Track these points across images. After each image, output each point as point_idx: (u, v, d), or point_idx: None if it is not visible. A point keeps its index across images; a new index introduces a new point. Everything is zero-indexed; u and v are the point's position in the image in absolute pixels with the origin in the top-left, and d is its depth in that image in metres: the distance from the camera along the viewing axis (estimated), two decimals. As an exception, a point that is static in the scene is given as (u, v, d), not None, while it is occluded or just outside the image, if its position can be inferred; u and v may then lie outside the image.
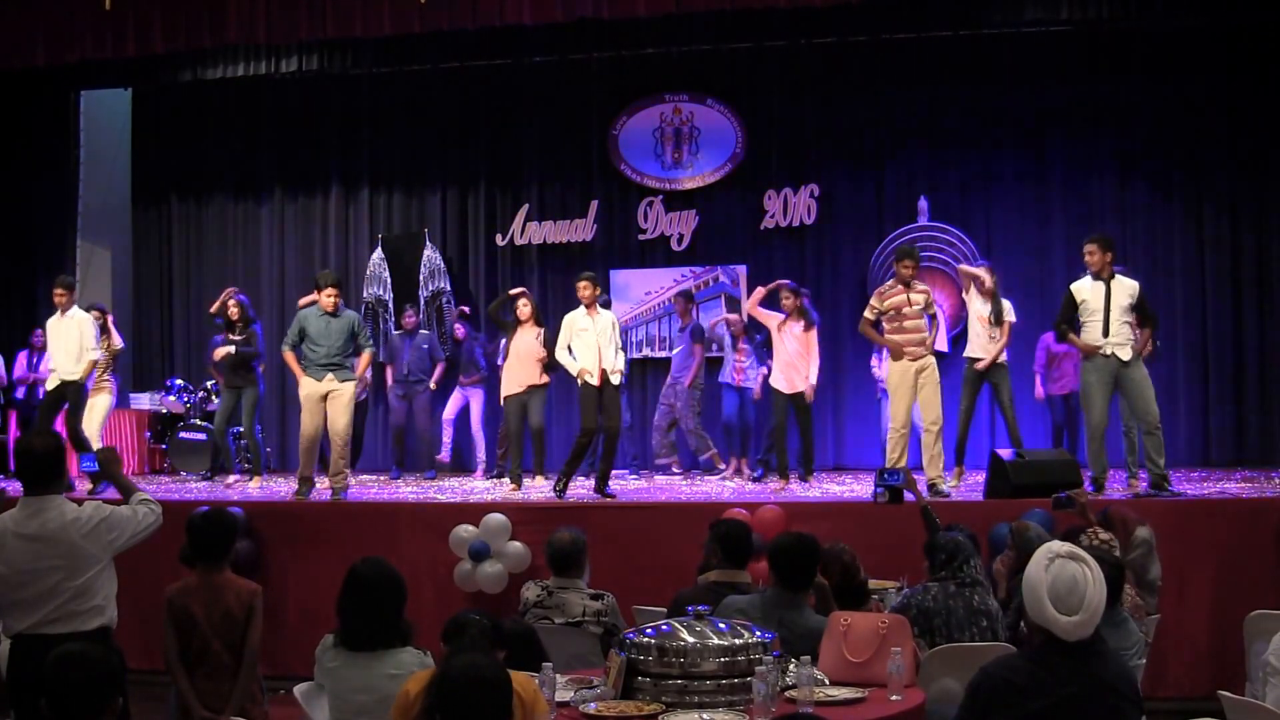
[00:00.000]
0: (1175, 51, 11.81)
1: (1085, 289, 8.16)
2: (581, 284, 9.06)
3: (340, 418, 8.86)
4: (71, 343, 9.56)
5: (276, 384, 12.95)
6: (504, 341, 10.34)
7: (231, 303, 10.63)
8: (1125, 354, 8.00)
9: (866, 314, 8.74)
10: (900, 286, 8.61)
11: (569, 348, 9.05)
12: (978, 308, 9.43)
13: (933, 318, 8.84)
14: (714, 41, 12.12)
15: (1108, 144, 12.05)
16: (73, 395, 9.57)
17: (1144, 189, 12.08)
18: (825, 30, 11.69)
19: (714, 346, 11.81)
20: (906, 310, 8.53)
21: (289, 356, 9.18)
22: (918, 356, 8.51)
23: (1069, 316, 8.22)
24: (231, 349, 10.46)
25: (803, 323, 9.73)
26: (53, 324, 9.72)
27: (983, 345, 9.35)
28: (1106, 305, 8.01)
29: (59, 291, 9.69)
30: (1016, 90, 12.15)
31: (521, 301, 9.92)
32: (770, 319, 9.89)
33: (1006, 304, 9.55)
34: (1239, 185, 11.86)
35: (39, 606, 4.42)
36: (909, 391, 8.51)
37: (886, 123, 12.44)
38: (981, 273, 9.48)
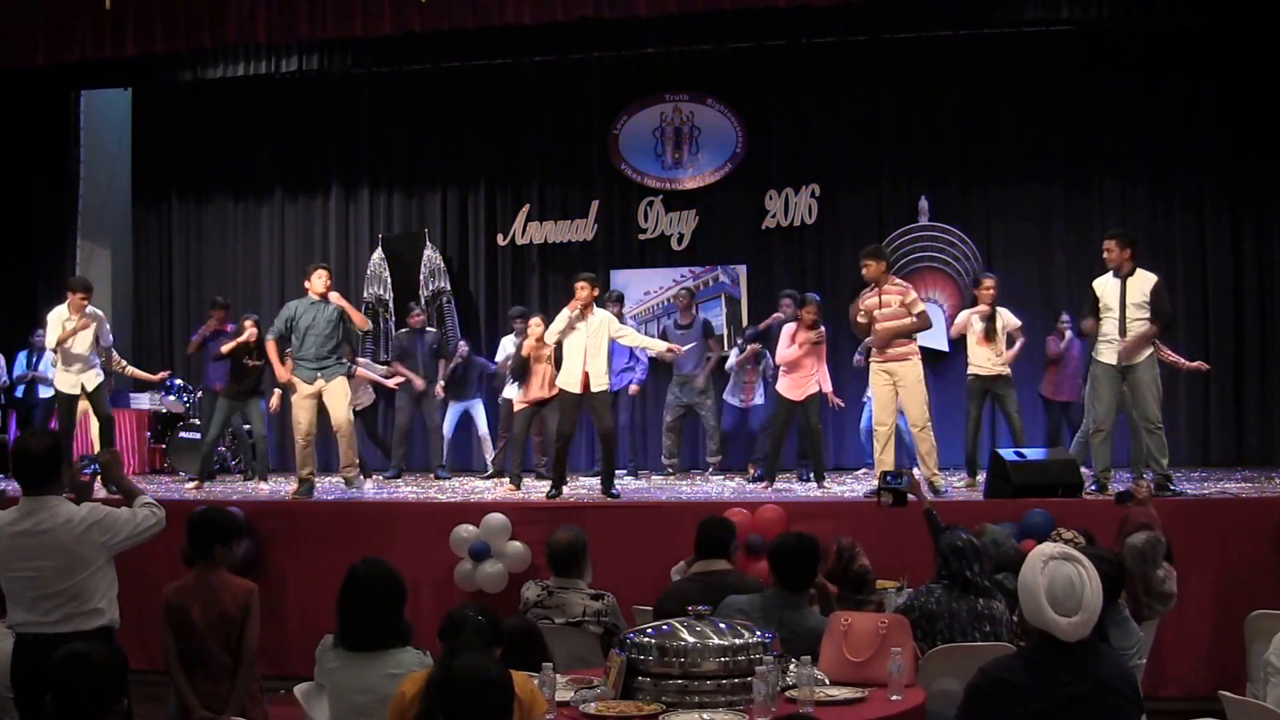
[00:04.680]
0: (1175, 51, 11.81)
1: (1103, 285, 8.12)
2: (580, 284, 8.83)
3: (339, 412, 8.85)
4: (86, 344, 9.55)
5: (276, 383, 12.94)
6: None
7: (249, 323, 10.38)
8: (1131, 358, 7.96)
9: (859, 319, 8.58)
10: (872, 288, 8.48)
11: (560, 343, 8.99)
12: (974, 323, 9.54)
13: (918, 315, 8.61)
14: (714, 41, 12.11)
15: (1108, 144, 12.05)
16: (93, 395, 9.64)
17: (1144, 189, 12.09)
18: (825, 30, 11.69)
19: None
20: (876, 314, 8.42)
21: (271, 347, 9.17)
22: (886, 358, 8.39)
23: (1092, 311, 8.16)
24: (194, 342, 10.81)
25: (814, 332, 9.71)
26: (66, 320, 9.55)
27: (978, 359, 9.51)
28: (1122, 302, 8.00)
29: (81, 295, 9.54)
30: (1016, 90, 12.15)
31: (535, 321, 9.90)
32: (785, 334, 9.82)
33: (1006, 313, 9.59)
34: (1239, 185, 11.86)
35: (36, 605, 4.43)
36: (884, 391, 8.43)
37: (886, 123, 12.44)
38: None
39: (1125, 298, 7.98)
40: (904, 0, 11.35)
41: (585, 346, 8.77)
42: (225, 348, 10.38)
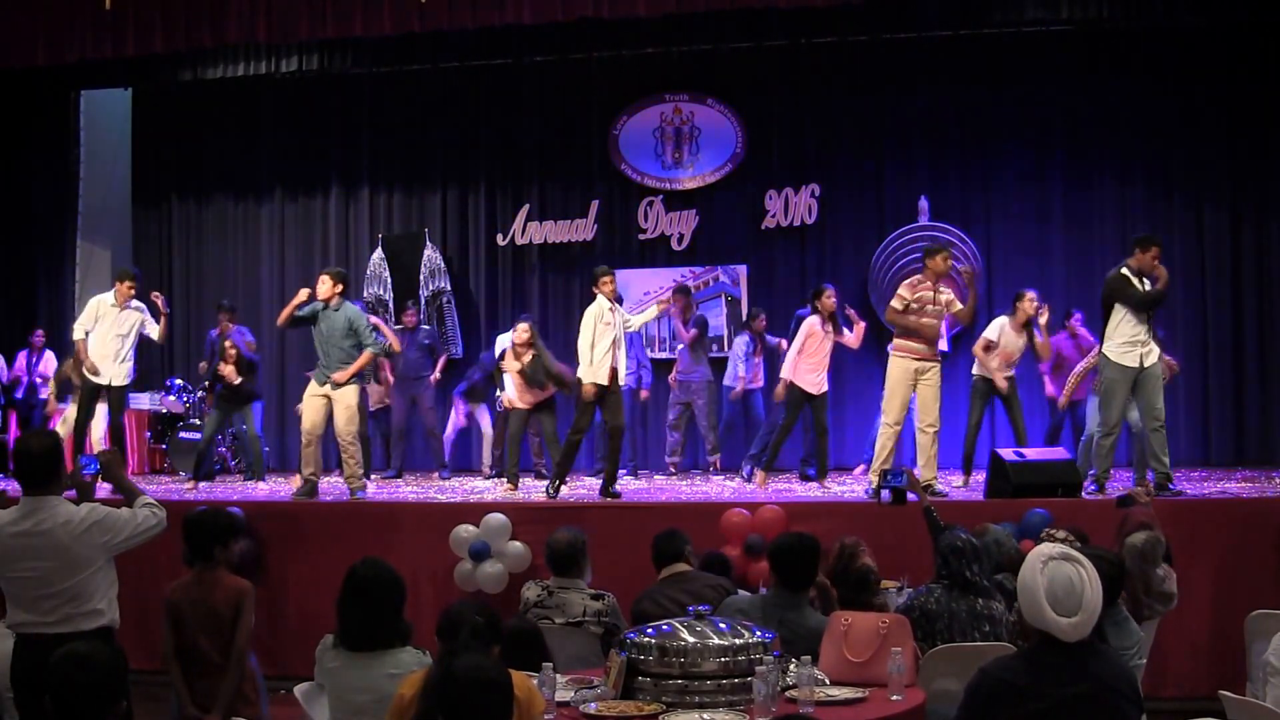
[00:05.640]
0: (1175, 51, 11.81)
1: (1138, 283, 8.08)
2: (607, 278, 8.78)
3: (340, 421, 8.86)
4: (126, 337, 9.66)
5: (276, 384, 12.97)
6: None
7: (229, 344, 10.65)
8: (1151, 359, 8.01)
9: (895, 304, 8.48)
10: (929, 282, 8.44)
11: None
12: (1013, 338, 9.49)
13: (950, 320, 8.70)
14: (714, 41, 12.11)
15: (1108, 143, 12.05)
16: (119, 393, 9.72)
17: (1144, 189, 12.09)
18: (825, 30, 11.69)
19: (714, 347, 11.88)
20: (931, 308, 8.41)
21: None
22: (923, 356, 8.43)
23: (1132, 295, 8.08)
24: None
25: (831, 324, 9.75)
26: (109, 314, 9.61)
27: (991, 364, 9.48)
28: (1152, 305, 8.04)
29: (129, 284, 9.69)
30: (1016, 90, 12.15)
31: (522, 327, 9.82)
32: (809, 326, 9.82)
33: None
34: (1239, 185, 11.86)
35: (36, 606, 4.43)
36: (906, 390, 8.43)
37: (886, 123, 12.43)
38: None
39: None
40: (904, 0, 11.35)
41: (614, 339, 8.72)
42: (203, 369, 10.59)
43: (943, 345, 10.89)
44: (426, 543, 7.98)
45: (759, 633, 4.19)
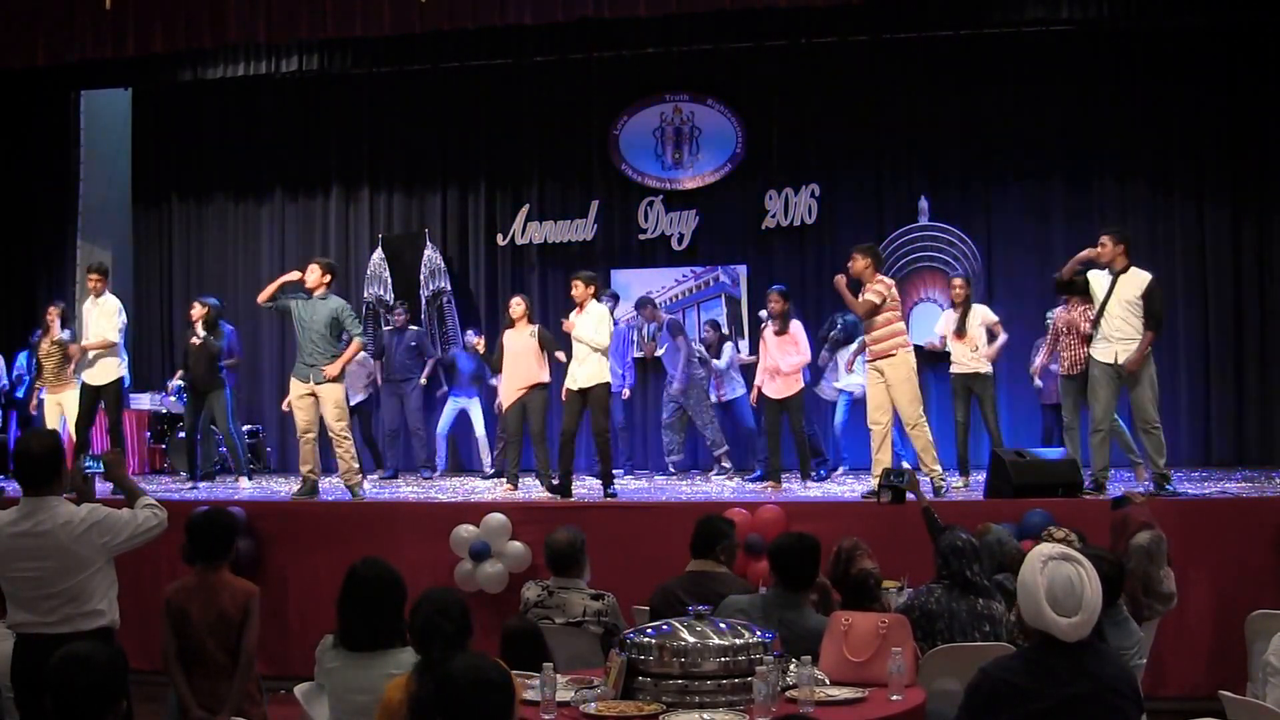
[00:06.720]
0: (1175, 51, 11.81)
1: (1096, 277, 8.11)
2: (573, 282, 8.97)
3: (330, 418, 8.83)
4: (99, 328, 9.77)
5: (278, 382, 12.95)
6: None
7: (196, 304, 10.70)
8: (1118, 356, 7.93)
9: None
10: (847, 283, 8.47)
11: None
12: (949, 321, 9.69)
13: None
14: (714, 41, 12.12)
15: (1108, 143, 12.05)
16: (110, 391, 9.76)
17: (1144, 188, 12.08)
18: (825, 30, 11.70)
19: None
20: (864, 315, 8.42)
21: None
22: (875, 355, 8.38)
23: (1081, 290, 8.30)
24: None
25: (777, 325, 9.77)
26: (86, 309, 9.86)
27: (955, 355, 9.66)
28: (1106, 299, 7.99)
29: (90, 277, 9.86)
30: (1016, 90, 12.15)
31: (515, 301, 9.88)
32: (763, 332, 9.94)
33: (982, 310, 9.66)
34: (1239, 185, 11.86)
35: (36, 606, 4.43)
36: (876, 388, 8.41)
37: (886, 123, 12.43)
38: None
39: (1111, 294, 7.97)
40: (904, 0, 11.35)
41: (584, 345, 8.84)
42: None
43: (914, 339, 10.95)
44: (426, 543, 7.98)
45: (759, 633, 4.19)
